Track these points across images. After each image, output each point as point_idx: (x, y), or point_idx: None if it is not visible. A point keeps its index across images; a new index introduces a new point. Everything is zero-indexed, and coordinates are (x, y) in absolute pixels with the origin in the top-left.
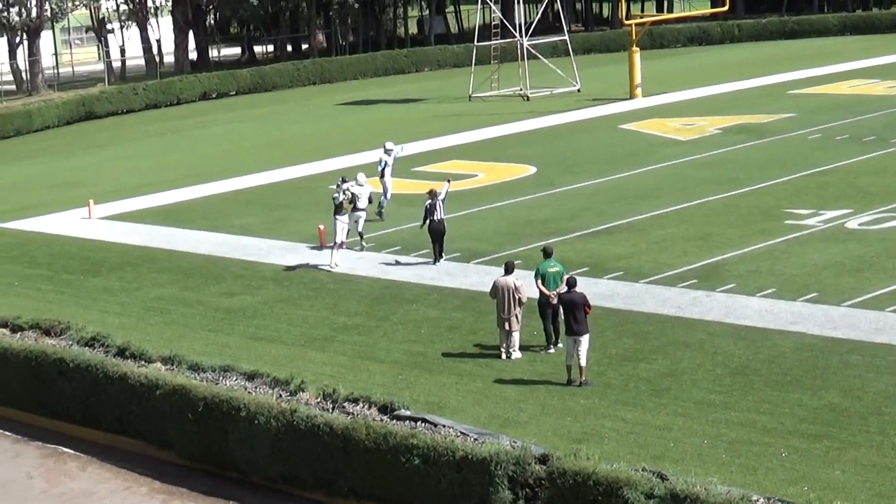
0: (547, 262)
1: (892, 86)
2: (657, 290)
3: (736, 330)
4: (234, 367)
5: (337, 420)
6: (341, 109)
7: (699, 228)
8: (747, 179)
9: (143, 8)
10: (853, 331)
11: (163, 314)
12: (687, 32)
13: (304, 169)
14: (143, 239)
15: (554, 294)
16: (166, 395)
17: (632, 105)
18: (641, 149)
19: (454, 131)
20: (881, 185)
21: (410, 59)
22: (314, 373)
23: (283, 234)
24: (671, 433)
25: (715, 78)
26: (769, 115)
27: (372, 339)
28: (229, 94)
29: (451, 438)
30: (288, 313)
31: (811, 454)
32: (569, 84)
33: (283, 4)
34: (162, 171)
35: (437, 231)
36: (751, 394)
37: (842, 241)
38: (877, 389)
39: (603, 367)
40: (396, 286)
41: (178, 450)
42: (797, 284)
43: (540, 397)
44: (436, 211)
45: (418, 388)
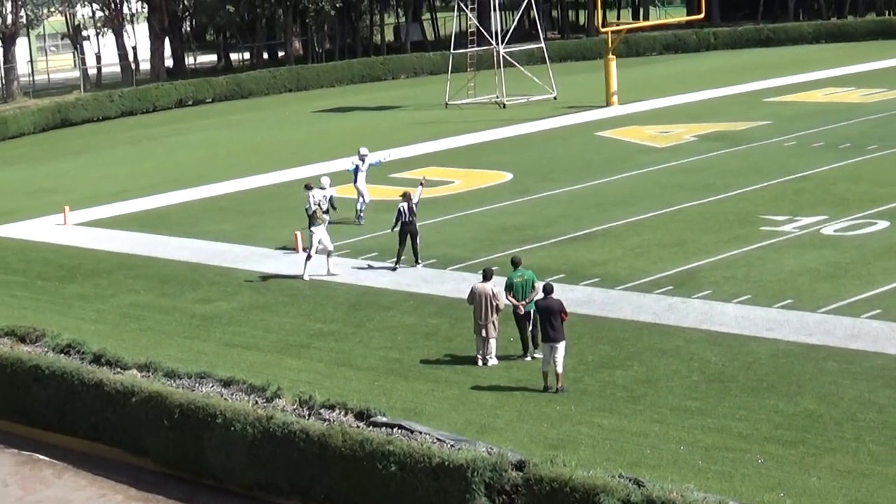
0: (515, 272)
1: (868, 94)
2: (633, 296)
3: (712, 336)
4: (210, 374)
5: (313, 427)
6: (317, 116)
7: (675, 235)
8: (723, 186)
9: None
10: (829, 337)
11: (138, 321)
12: (663, 40)
13: (280, 176)
14: (118, 245)
15: (522, 304)
16: (142, 402)
17: (608, 112)
18: (618, 156)
19: (430, 138)
20: (857, 191)
21: (387, 66)
22: (290, 379)
23: (259, 240)
24: (647, 440)
25: (691, 85)
26: (745, 122)
27: (348, 346)
28: (205, 102)
29: (427, 445)
30: (264, 320)
31: (787, 460)
32: (545, 91)
33: (259, 11)
34: (138, 178)
35: (408, 233)
36: (727, 400)
37: (817, 247)
38: (852, 396)
39: (579, 374)
40: (373, 293)
41: (154, 457)
42: (773, 291)
43: (516, 404)
44: (406, 213)
45: (395, 394)
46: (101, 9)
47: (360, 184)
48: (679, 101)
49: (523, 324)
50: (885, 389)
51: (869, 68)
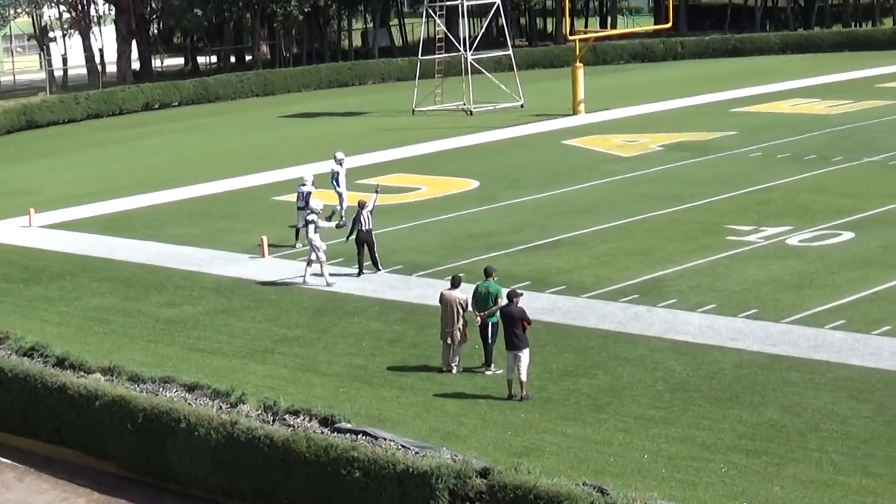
0: (483, 281)
1: (833, 105)
2: (599, 304)
3: (676, 346)
4: (174, 379)
5: (277, 432)
6: (284, 121)
7: (641, 243)
8: (689, 196)
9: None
10: (792, 347)
11: (103, 324)
12: (630, 49)
13: (247, 180)
14: (83, 248)
15: (481, 315)
16: (105, 405)
17: (575, 121)
18: (584, 164)
19: (397, 145)
20: (821, 202)
21: (354, 71)
22: (255, 385)
23: (225, 244)
24: (612, 448)
25: (658, 95)
26: (711, 132)
27: (313, 352)
28: (172, 105)
29: (392, 452)
30: (229, 324)
31: (750, 470)
32: (512, 99)
33: (227, 15)
34: (103, 181)
35: (364, 241)
36: (691, 409)
37: (782, 257)
38: (815, 406)
39: (544, 382)
40: (339, 298)
41: (118, 461)
42: (738, 300)
43: (481, 411)
44: (363, 221)
45: (359, 400)
46: (68, 10)
47: (341, 189)
48: (646, 111)
49: (483, 335)
50: (848, 400)
51: (835, 80)
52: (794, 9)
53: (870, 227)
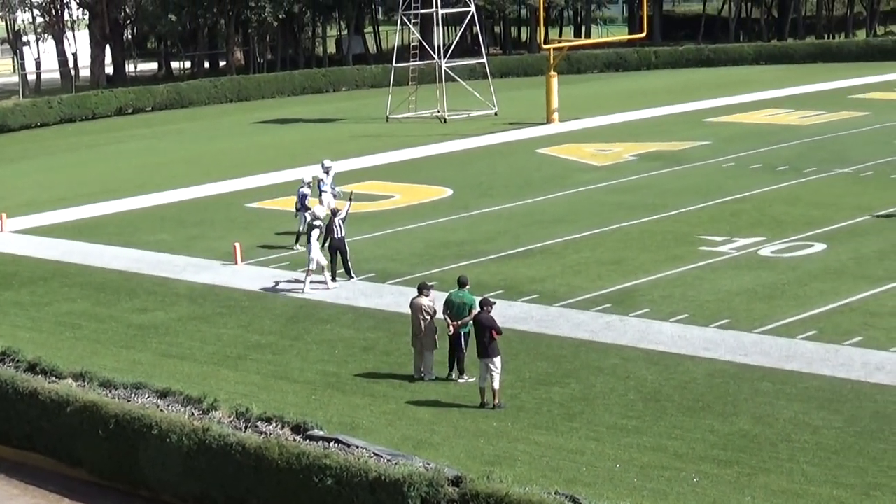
0: (457, 291)
1: (805, 116)
2: (571, 313)
3: (649, 355)
4: (146, 385)
5: (249, 439)
6: (258, 127)
7: (614, 253)
8: (662, 206)
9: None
10: (764, 357)
11: (74, 330)
12: (604, 58)
13: (221, 186)
14: (55, 253)
15: (454, 324)
16: (77, 411)
17: (548, 129)
18: (557, 173)
19: (371, 152)
20: (793, 213)
21: (328, 78)
22: (227, 391)
23: (198, 251)
24: (584, 457)
25: (631, 104)
26: (684, 142)
27: (285, 359)
28: (145, 110)
29: (364, 459)
30: (201, 331)
31: (722, 480)
32: (486, 107)
33: (201, 21)
34: (76, 186)
35: (336, 248)
36: (663, 419)
37: (754, 268)
38: (787, 416)
39: (516, 391)
40: (311, 305)
41: (89, 467)
42: (710, 310)
43: (453, 419)
44: (336, 229)
45: (331, 408)
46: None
47: (325, 198)
48: (619, 120)
49: (453, 344)
50: (819, 411)
51: (807, 90)
52: (767, 20)
53: (841, 239)
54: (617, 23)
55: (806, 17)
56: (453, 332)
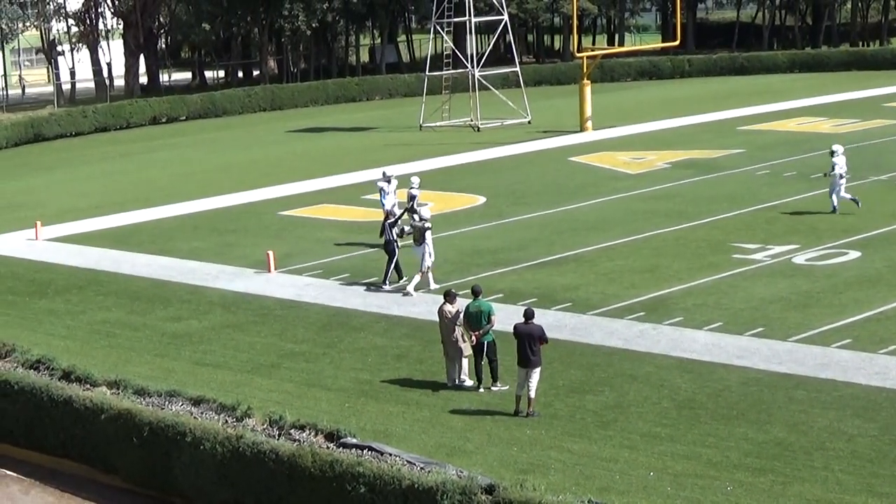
0: (473, 301)
1: (839, 124)
2: (605, 321)
3: (682, 363)
4: (179, 392)
5: (283, 447)
6: (292, 136)
7: (647, 261)
8: (696, 214)
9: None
10: (799, 366)
11: (108, 338)
12: (637, 66)
13: (254, 195)
14: (89, 262)
15: (476, 334)
16: (111, 419)
17: (582, 138)
18: (590, 181)
19: (404, 160)
20: (828, 221)
21: (361, 87)
22: (260, 399)
23: (232, 259)
24: (617, 465)
25: (664, 112)
26: (718, 150)
27: (319, 367)
28: (179, 119)
29: (397, 467)
30: (235, 339)
31: (756, 488)
32: (519, 116)
33: (234, 30)
34: (110, 195)
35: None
36: (696, 427)
37: (789, 276)
38: (821, 425)
39: (550, 399)
40: (344, 313)
41: (123, 474)
42: (744, 319)
43: (486, 427)
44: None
45: (365, 416)
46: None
47: (388, 207)
48: (652, 128)
49: (477, 354)
50: (855, 419)
51: (841, 99)
52: (801, 28)
53: (876, 247)
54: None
55: (840, 24)
56: (475, 343)
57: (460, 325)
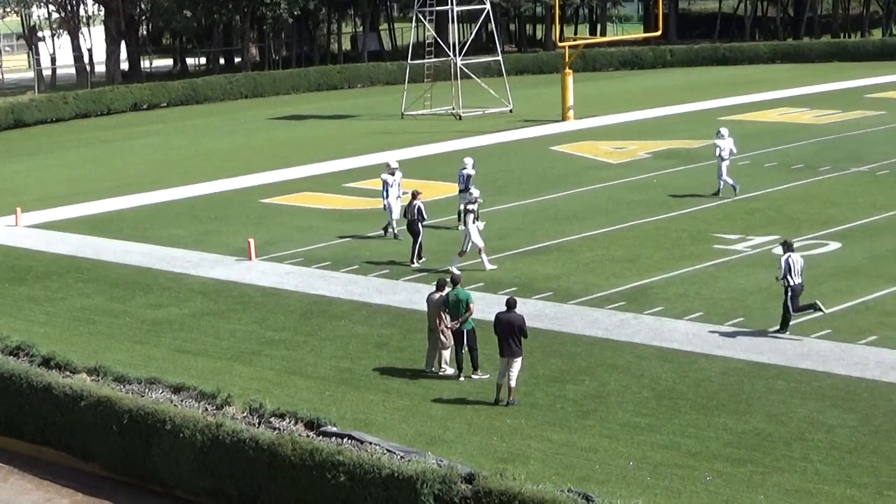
0: (451, 290)
1: (821, 115)
2: (585, 311)
3: (663, 353)
4: (159, 380)
5: (263, 435)
6: (273, 124)
7: (628, 251)
8: (677, 204)
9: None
10: (778, 356)
11: (89, 325)
12: (620, 56)
13: (235, 182)
14: (70, 248)
15: (454, 323)
16: (91, 406)
17: (563, 127)
18: (572, 171)
19: (386, 149)
20: (808, 212)
21: (343, 75)
22: (241, 387)
23: (213, 246)
24: (597, 455)
25: (646, 102)
26: (699, 140)
27: (299, 355)
28: (160, 106)
29: (377, 456)
30: (215, 326)
31: (735, 478)
32: (501, 104)
33: (216, 17)
34: (91, 181)
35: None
36: (676, 417)
37: (769, 266)
38: (801, 415)
39: (530, 388)
40: (325, 301)
41: (102, 462)
42: (724, 309)
43: (467, 416)
44: (413, 212)
45: (345, 404)
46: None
47: (391, 199)
48: (634, 118)
49: (460, 342)
50: (833, 409)
51: (823, 89)
52: (783, 19)
53: (856, 238)
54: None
55: (822, 15)
56: (456, 331)
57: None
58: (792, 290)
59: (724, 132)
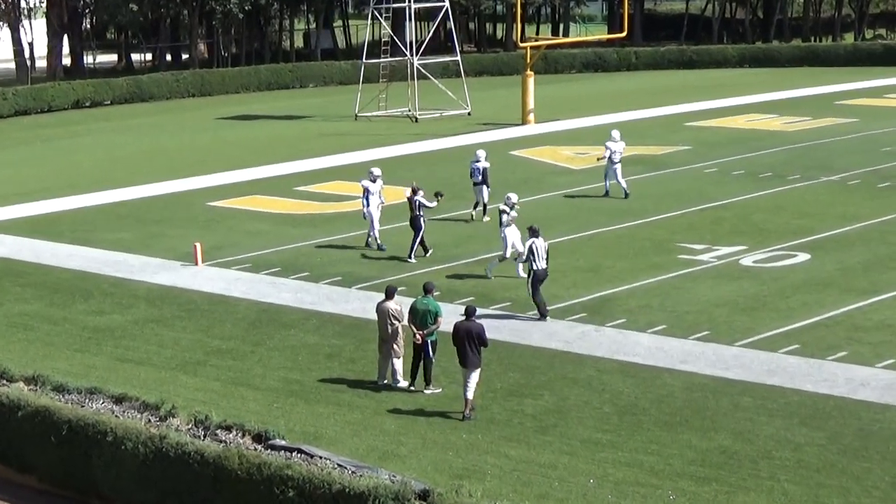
0: (422, 298)
1: (791, 122)
2: (545, 323)
3: (625, 367)
4: (100, 390)
5: (208, 448)
6: (221, 123)
7: (590, 260)
8: (640, 212)
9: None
10: (745, 372)
11: (26, 331)
12: (583, 58)
13: (182, 184)
14: (7, 251)
15: (420, 333)
16: (28, 416)
17: (524, 131)
18: (532, 177)
19: (338, 151)
20: (777, 222)
21: (295, 73)
22: (185, 398)
23: (158, 250)
24: (556, 472)
25: (610, 106)
26: (665, 146)
27: (247, 365)
28: (104, 104)
29: (327, 471)
30: (159, 334)
31: (700, 498)
32: (459, 106)
33: (163, 11)
34: (30, 181)
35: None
36: (639, 433)
37: (736, 278)
38: (768, 433)
39: (487, 402)
40: (274, 310)
41: (39, 474)
42: (689, 322)
43: (421, 430)
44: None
45: (294, 417)
46: None
47: (371, 208)
48: (597, 122)
49: (417, 353)
50: (802, 427)
51: (793, 95)
52: (752, 21)
53: (826, 249)
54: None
55: (792, 18)
56: (420, 341)
57: (400, 323)
58: (534, 275)
59: (616, 135)
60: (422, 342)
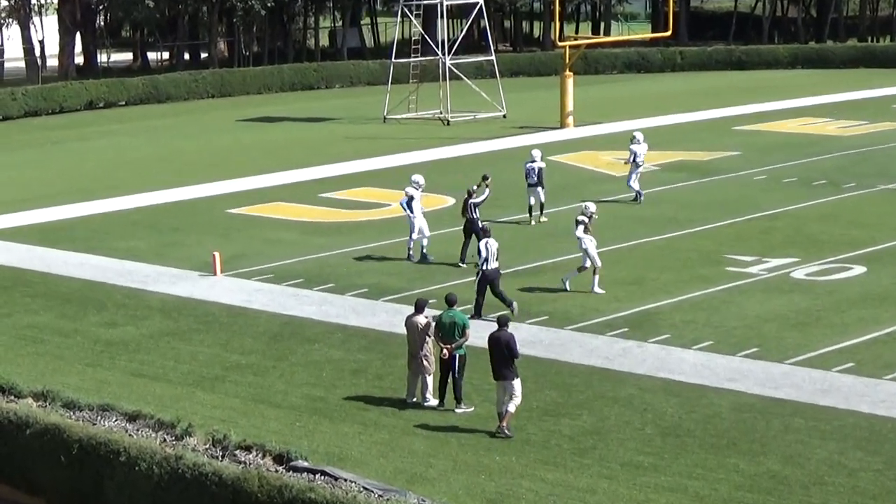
0: (447, 311)
1: (846, 126)
2: (584, 338)
3: (669, 385)
4: (113, 407)
5: (227, 469)
6: (242, 126)
7: (632, 272)
8: (686, 221)
9: (26, 5)
10: (796, 391)
11: (36, 344)
12: (625, 58)
13: (200, 190)
14: (16, 260)
15: (448, 347)
16: (37, 434)
17: (562, 135)
18: (571, 183)
19: (366, 156)
20: (831, 232)
21: (320, 73)
22: (203, 416)
23: (173, 259)
24: (595, 497)
25: (654, 109)
26: (712, 152)
27: (268, 381)
28: (118, 105)
29: (352, 494)
30: (175, 348)
31: None
32: (494, 109)
33: (181, 8)
34: (40, 186)
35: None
36: (683, 456)
37: (787, 292)
38: (820, 457)
39: (522, 422)
40: (297, 323)
41: (49, 496)
42: (737, 338)
43: (452, 452)
44: (469, 210)
45: (317, 436)
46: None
47: (416, 215)
48: (640, 126)
49: (445, 369)
50: (856, 451)
51: (848, 98)
52: (805, 20)
53: (883, 262)
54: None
55: (847, 17)
56: (447, 356)
57: (431, 337)
58: (483, 274)
59: (640, 136)
60: (449, 357)
